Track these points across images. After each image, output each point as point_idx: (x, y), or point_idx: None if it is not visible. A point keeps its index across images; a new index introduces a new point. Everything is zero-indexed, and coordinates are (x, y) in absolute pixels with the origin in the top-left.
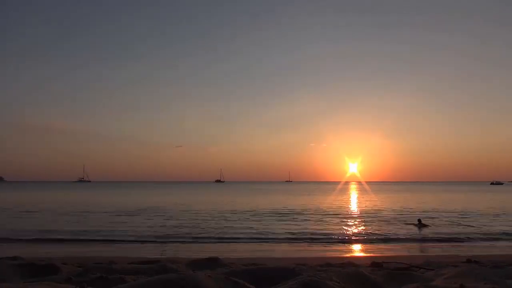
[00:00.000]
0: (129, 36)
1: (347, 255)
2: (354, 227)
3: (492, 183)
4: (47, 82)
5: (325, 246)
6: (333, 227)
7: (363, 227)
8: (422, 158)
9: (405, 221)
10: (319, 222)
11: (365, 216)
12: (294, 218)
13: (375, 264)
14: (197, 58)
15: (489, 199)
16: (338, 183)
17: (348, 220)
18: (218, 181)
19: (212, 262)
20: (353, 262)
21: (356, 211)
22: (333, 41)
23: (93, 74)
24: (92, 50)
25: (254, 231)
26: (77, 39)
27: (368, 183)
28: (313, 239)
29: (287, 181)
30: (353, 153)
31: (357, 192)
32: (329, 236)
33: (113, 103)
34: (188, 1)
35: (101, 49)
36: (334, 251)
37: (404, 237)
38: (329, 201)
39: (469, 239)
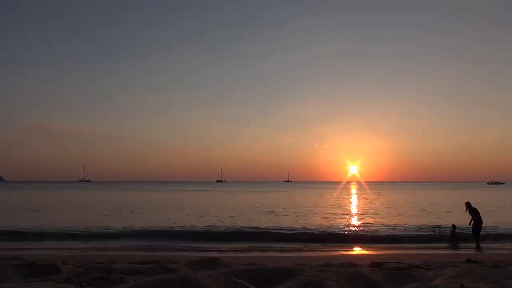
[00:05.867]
0: (133, 37)
1: (347, 255)
2: (354, 226)
3: (488, 183)
4: (47, 82)
5: (325, 246)
6: (333, 227)
7: (363, 227)
8: (420, 159)
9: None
10: (318, 222)
11: (365, 216)
12: (292, 218)
13: (375, 264)
14: (202, 61)
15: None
16: (339, 183)
17: (348, 220)
18: (219, 181)
19: (212, 262)
20: (353, 262)
21: (355, 211)
22: (336, 45)
23: (95, 75)
24: (94, 51)
25: (254, 230)
26: (80, 39)
27: (367, 183)
28: (313, 239)
29: (286, 181)
30: (353, 154)
31: (356, 192)
32: (329, 236)
33: (117, 105)
34: (194, 3)
35: (104, 50)
36: (334, 251)
37: (404, 237)
38: (329, 201)
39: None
